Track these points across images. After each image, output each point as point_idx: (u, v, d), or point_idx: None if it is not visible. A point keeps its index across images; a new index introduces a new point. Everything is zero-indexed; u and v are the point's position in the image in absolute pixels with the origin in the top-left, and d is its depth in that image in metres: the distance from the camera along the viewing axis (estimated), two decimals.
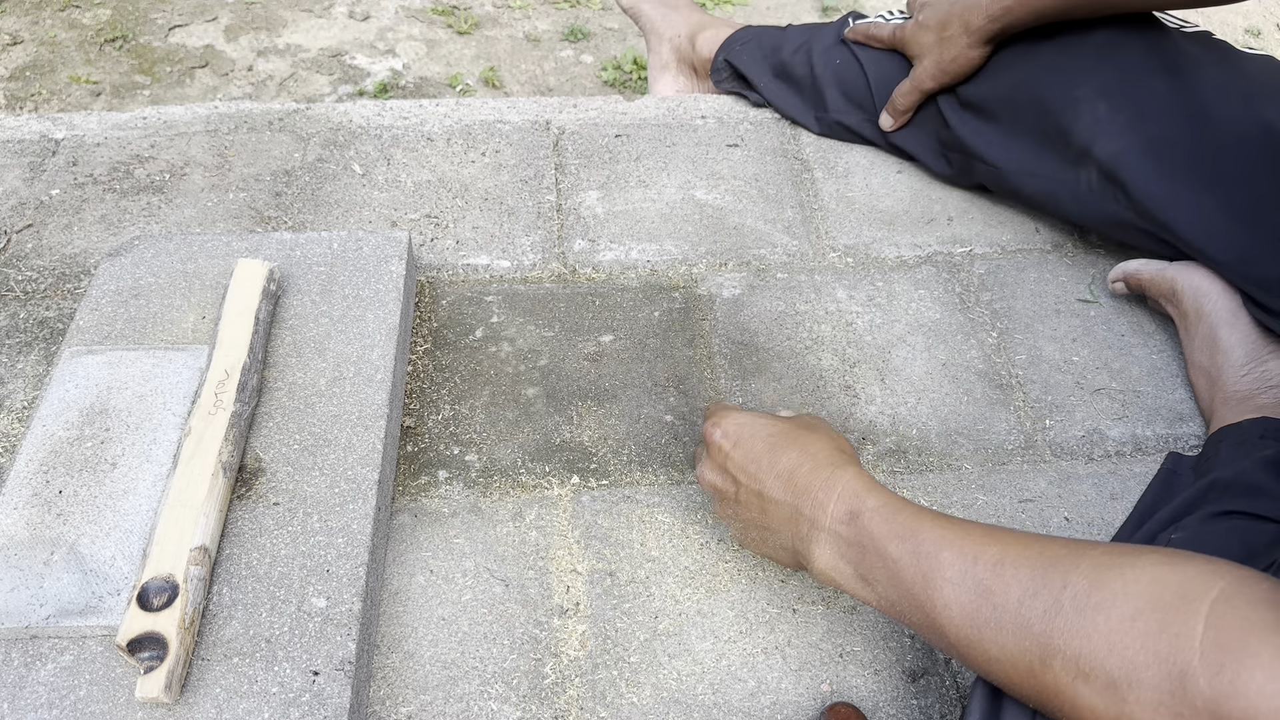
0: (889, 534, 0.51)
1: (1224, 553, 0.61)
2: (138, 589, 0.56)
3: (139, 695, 0.53)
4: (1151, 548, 0.43)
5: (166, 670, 0.53)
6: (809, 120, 1.08)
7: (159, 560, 0.57)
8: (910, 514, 0.52)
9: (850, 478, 0.56)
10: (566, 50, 1.74)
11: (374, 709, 0.62)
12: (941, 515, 0.51)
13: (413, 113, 1.08)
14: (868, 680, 0.65)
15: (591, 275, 0.92)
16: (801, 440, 0.60)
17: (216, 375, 0.67)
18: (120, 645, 0.54)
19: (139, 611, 0.55)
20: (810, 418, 0.65)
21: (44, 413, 0.68)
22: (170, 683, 0.54)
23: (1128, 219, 0.85)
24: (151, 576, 0.57)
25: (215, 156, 1.01)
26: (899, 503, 0.53)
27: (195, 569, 0.58)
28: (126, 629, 0.54)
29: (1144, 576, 0.40)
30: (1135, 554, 0.42)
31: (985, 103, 0.93)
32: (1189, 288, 0.83)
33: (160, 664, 0.54)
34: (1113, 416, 0.82)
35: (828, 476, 0.56)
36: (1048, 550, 0.45)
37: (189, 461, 0.62)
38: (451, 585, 0.68)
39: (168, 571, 0.57)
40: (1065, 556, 0.44)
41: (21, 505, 0.62)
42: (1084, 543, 0.45)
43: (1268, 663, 0.35)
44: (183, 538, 0.58)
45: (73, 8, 1.71)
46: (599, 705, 0.63)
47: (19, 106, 1.50)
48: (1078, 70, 0.86)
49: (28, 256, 0.89)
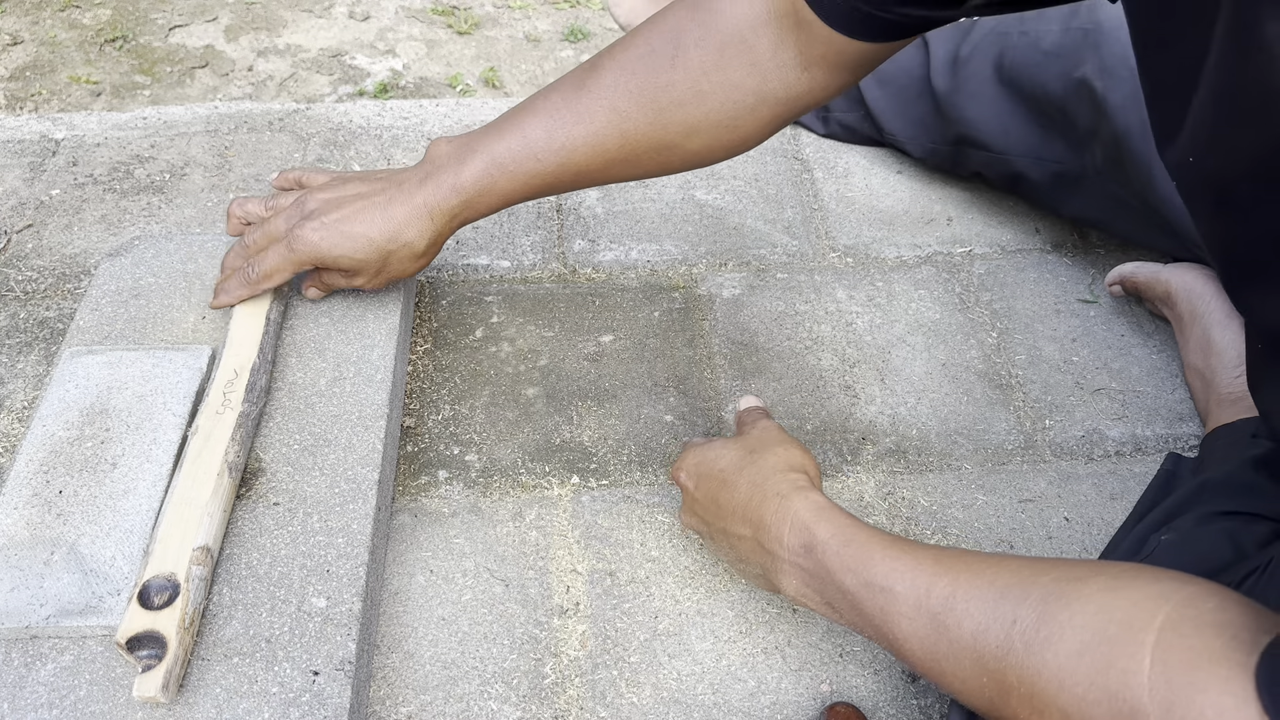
0: (841, 567, 0.51)
1: (1214, 552, 0.62)
2: (139, 587, 0.56)
3: (136, 694, 0.53)
4: (1103, 567, 0.41)
5: (164, 670, 0.53)
6: (813, 121, 1.08)
7: (161, 558, 0.57)
8: (861, 543, 0.51)
9: (800, 507, 0.55)
10: (567, 50, 1.74)
11: (374, 709, 0.62)
12: (894, 542, 0.50)
13: (413, 113, 1.08)
14: (868, 680, 0.65)
15: (591, 275, 0.92)
16: (751, 469, 0.59)
17: (225, 374, 0.67)
18: (119, 643, 0.54)
19: (139, 610, 0.55)
20: (762, 433, 0.64)
21: (44, 413, 0.68)
22: (167, 682, 0.54)
23: (1129, 203, 0.85)
24: (153, 575, 0.57)
25: (215, 157, 1.01)
26: (850, 530, 0.52)
27: (197, 569, 0.58)
28: (126, 627, 0.54)
29: (1089, 607, 0.39)
30: (1082, 581, 0.40)
31: (982, 89, 0.93)
32: (1183, 289, 0.83)
33: (158, 663, 0.54)
34: (1112, 416, 0.82)
35: (777, 508, 0.56)
36: (999, 580, 0.43)
37: (195, 460, 0.62)
38: (451, 585, 0.68)
39: (169, 570, 0.57)
40: (1015, 586, 0.42)
41: (21, 505, 0.62)
42: (1037, 566, 0.43)
43: (1216, 698, 0.34)
44: (186, 537, 0.58)
45: (73, 8, 1.71)
46: (599, 705, 0.63)
47: (19, 106, 1.50)
48: (1079, 50, 0.87)
49: (28, 256, 0.89)
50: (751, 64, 0.61)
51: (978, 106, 0.93)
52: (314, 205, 0.68)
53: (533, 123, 0.65)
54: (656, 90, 0.62)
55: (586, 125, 0.64)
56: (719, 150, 0.66)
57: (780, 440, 0.62)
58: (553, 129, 0.65)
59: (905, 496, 0.76)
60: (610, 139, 0.64)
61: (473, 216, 0.69)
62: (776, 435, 0.63)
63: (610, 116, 0.63)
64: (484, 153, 0.66)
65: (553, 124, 0.65)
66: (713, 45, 0.61)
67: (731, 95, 0.62)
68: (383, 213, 0.67)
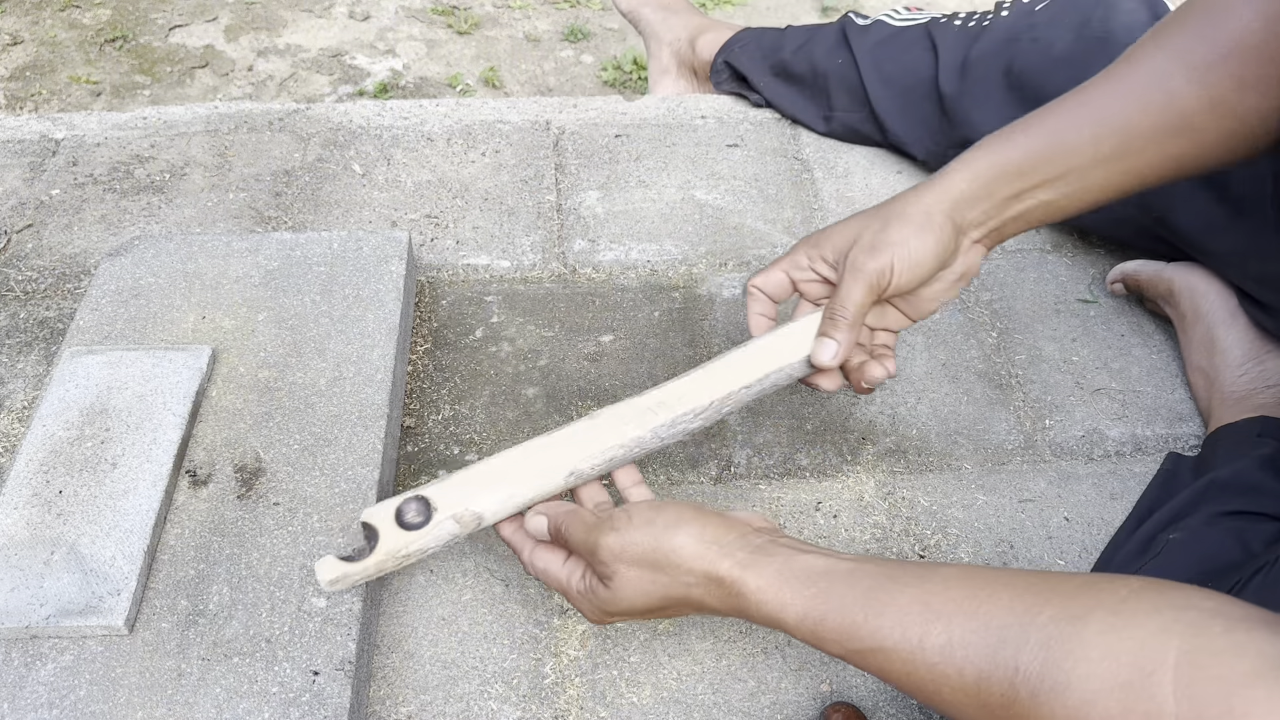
0: (822, 640, 0.47)
1: (1222, 552, 0.62)
2: (418, 495, 0.56)
3: (318, 567, 0.55)
4: (1099, 596, 0.40)
5: (348, 569, 0.55)
6: (815, 120, 1.08)
7: (449, 492, 0.57)
8: (834, 612, 0.46)
9: (751, 607, 0.48)
10: (566, 50, 1.74)
11: (374, 709, 0.62)
12: (869, 593, 0.46)
13: (413, 113, 1.08)
14: (867, 680, 0.65)
15: (591, 275, 0.92)
16: (672, 596, 0.51)
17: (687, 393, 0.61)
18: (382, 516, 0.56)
19: (394, 522, 0.56)
20: (644, 536, 0.51)
21: (44, 413, 0.68)
22: (340, 580, 0.55)
23: (1130, 213, 0.85)
24: (434, 501, 0.56)
25: (215, 156, 1.01)
26: (815, 602, 0.47)
27: (451, 524, 0.56)
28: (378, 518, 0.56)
29: (1093, 654, 0.38)
30: (1081, 621, 0.39)
31: (990, 94, 0.93)
32: (1186, 288, 0.83)
33: (355, 560, 0.55)
34: (1112, 416, 0.82)
35: (735, 610, 0.50)
36: (994, 620, 0.42)
37: (590, 431, 0.59)
38: (451, 585, 0.68)
39: (455, 510, 0.56)
40: (1013, 628, 0.41)
41: (22, 505, 0.62)
42: (1029, 599, 0.41)
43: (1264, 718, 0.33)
44: (482, 489, 0.57)
45: (73, 8, 1.71)
46: (599, 705, 0.63)
47: (19, 106, 1.50)
48: (1092, 58, 0.87)
49: (28, 256, 0.89)
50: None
51: (985, 111, 0.93)
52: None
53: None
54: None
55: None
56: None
57: (670, 538, 0.51)
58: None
59: (905, 496, 0.76)
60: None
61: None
62: (661, 533, 0.51)
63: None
64: None
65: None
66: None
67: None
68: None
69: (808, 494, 0.75)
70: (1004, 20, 0.96)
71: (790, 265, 0.64)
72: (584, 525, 0.54)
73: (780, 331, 0.62)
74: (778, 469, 0.77)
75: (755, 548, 0.50)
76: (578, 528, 0.54)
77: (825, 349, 0.60)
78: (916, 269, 0.59)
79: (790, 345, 0.62)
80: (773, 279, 0.64)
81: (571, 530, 0.55)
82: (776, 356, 0.61)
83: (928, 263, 0.59)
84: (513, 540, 0.59)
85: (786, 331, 0.62)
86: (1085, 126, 0.59)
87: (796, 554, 0.49)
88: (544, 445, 0.58)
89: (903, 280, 0.59)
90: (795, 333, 0.62)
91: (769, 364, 0.61)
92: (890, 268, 0.58)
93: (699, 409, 0.60)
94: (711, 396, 0.60)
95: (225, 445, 0.68)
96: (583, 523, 0.54)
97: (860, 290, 0.59)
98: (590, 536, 0.53)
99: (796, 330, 0.62)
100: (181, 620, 0.59)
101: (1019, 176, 0.60)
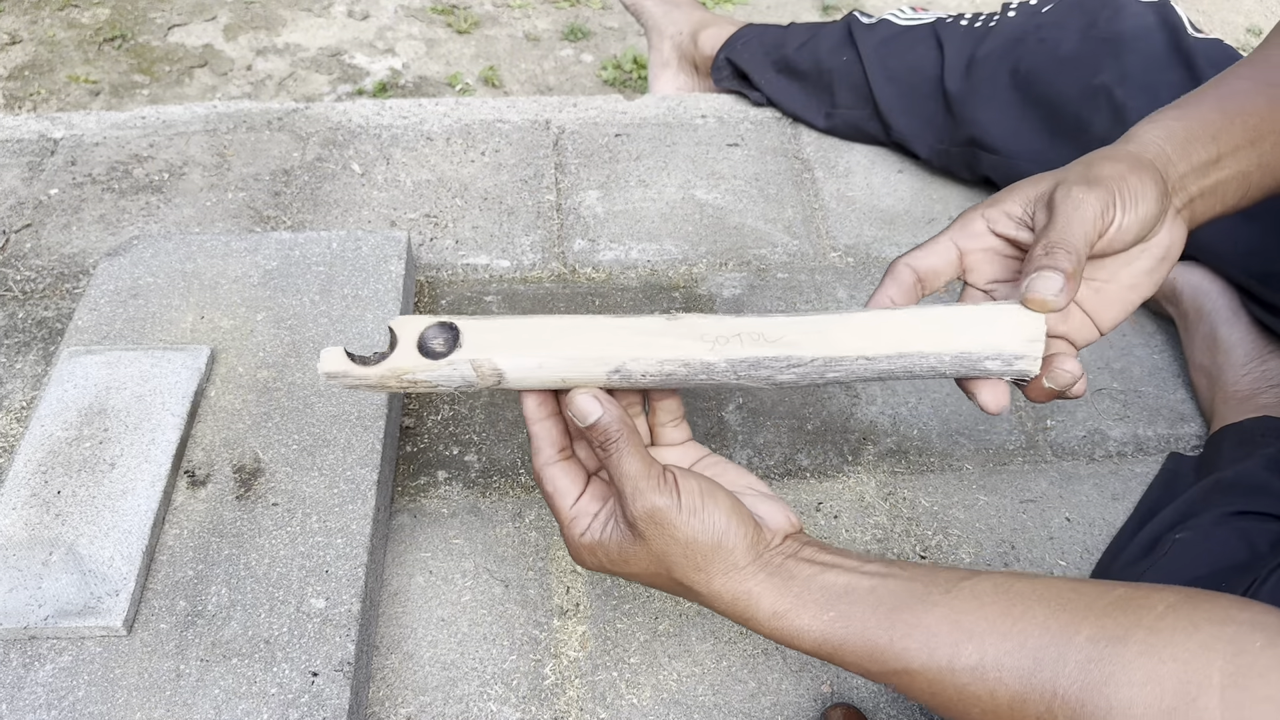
0: (845, 662, 0.45)
1: (1228, 553, 0.61)
2: (451, 324, 0.48)
3: (324, 357, 0.47)
4: (1139, 614, 0.39)
5: (348, 370, 0.46)
6: (816, 116, 1.08)
7: (484, 334, 0.48)
8: (855, 635, 0.44)
9: (771, 631, 0.46)
10: (566, 49, 1.73)
11: (373, 710, 0.62)
12: (892, 613, 0.43)
13: (412, 112, 1.08)
14: (867, 681, 0.65)
15: (591, 275, 0.92)
16: (682, 588, 0.48)
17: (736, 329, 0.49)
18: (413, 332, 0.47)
19: (415, 340, 0.47)
20: (656, 537, 0.46)
21: (42, 413, 0.67)
22: (336, 374, 0.46)
23: None
24: (464, 338, 0.47)
25: (214, 156, 1.01)
26: (835, 626, 0.44)
27: (468, 369, 0.47)
28: (406, 332, 0.47)
29: (1135, 677, 0.37)
30: (1121, 643, 0.38)
31: (997, 93, 0.93)
32: (1188, 287, 0.83)
33: (368, 365, 0.46)
34: (1114, 417, 0.82)
35: (750, 624, 0.47)
36: (1029, 641, 0.40)
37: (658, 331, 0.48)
38: (451, 586, 0.68)
39: (477, 355, 0.47)
40: (1050, 648, 0.40)
41: (20, 505, 0.62)
42: (1065, 617, 0.40)
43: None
44: (516, 348, 0.47)
45: (71, 7, 1.71)
46: (599, 706, 0.63)
47: (17, 106, 1.50)
48: (1099, 58, 0.87)
49: (26, 256, 0.89)
50: None
51: (990, 109, 0.94)
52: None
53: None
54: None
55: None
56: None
57: (720, 543, 0.46)
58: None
59: (906, 497, 0.76)
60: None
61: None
62: (718, 534, 0.46)
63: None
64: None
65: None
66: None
67: None
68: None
69: (809, 494, 0.75)
70: (1011, 21, 0.96)
71: (960, 232, 0.51)
72: (643, 465, 0.45)
73: (944, 309, 0.48)
74: (778, 469, 0.77)
75: (774, 569, 0.46)
76: (634, 460, 0.45)
77: (1048, 281, 0.44)
78: (1141, 209, 0.47)
79: (956, 327, 0.47)
80: (933, 253, 0.51)
81: (626, 457, 0.45)
82: (929, 337, 0.47)
83: (1151, 205, 0.48)
84: (535, 432, 0.50)
85: (953, 311, 0.47)
86: (1262, 93, 0.53)
87: (816, 573, 0.46)
88: (601, 326, 0.48)
89: (1126, 222, 0.47)
90: (963, 316, 0.47)
91: (914, 342, 0.47)
92: (1114, 202, 0.46)
93: (796, 361, 0.47)
94: (818, 352, 0.47)
95: (224, 445, 0.68)
96: (642, 460, 0.45)
97: (1082, 221, 0.46)
98: (645, 486, 0.45)
99: (966, 313, 0.47)
100: (180, 621, 0.59)
101: (1212, 140, 0.51)
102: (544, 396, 0.50)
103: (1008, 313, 0.47)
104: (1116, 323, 0.52)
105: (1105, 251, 0.48)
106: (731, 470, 0.51)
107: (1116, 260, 0.50)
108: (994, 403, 0.49)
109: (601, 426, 0.46)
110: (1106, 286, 0.51)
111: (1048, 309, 0.45)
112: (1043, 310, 0.45)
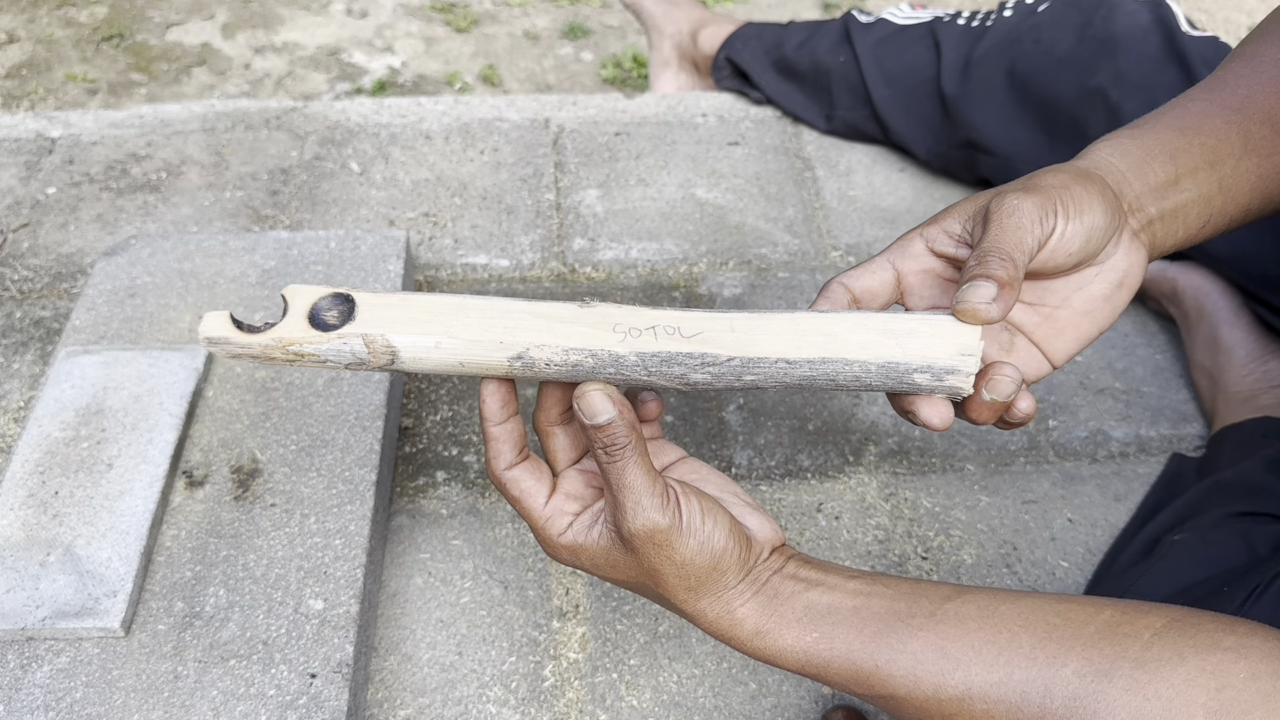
0: (830, 682, 0.44)
1: (1227, 554, 0.61)
2: (348, 296, 0.44)
3: (206, 321, 0.43)
4: (1124, 644, 0.39)
5: (233, 336, 0.42)
6: (816, 118, 1.07)
7: (384, 310, 0.44)
8: (839, 656, 0.43)
9: (756, 651, 0.45)
10: (566, 47, 1.73)
11: (371, 712, 0.62)
12: (876, 637, 0.42)
13: (411, 110, 1.08)
14: None
15: (591, 274, 0.92)
16: (665, 599, 0.46)
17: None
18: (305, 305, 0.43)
19: (306, 310, 0.44)
20: (644, 549, 0.44)
21: (40, 413, 0.67)
22: (219, 347, 0.42)
23: None
24: (360, 312, 0.44)
25: (212, 155, 1.00)
26: (819, 648, 0.43)
27: (359, 345, 0.43)
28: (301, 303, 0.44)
29: (1120, 715, 0.37)
30: (1107, 677, 0.38)
31: (993, 95, 0.93)
32: (1190, 288, 0.83)
33: (258, 332, 0.43)
34: (1116, 417, 0.82)
35: (732, 641, 0.45)
36: (1015, 673, 0.40)
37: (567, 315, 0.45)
38: (450, 587, 0.68)
39: (370, 331, 0.43)
40: (1036, 682, 0.39)
41: (17, 506, 0.62)
42: (1051, 647, 0.40)
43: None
44: (415, 326, 0.44)
45: (69, 5, 1.70)
46: (599, 708, 0.63)
47: (15, 105, 1.49)
48: (1094, 59, 0.87)
49: (23, 256, 0.89)
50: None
51: (986, 111, 0.94)
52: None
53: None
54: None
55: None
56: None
57: (714, 568, 0.44)
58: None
59: (908, 497, 0.75)
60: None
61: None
62: (714, 559, 0.44)
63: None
64: None
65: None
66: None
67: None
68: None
69: (809, 495, 0.75)
70: (1006, 20, 0.96)
71: (898, 253, 0.48)
72: (647, 480, 0.43)
73: (874, 315, 0.45)
74: (779, 470, 0.76)
75: (760, 585, 0.45)
76: (639, 474, 0.43)
77: (980, 290, 0.41)
78: (1086, 219, 0.44)
79: (885, 335, 0.44)
80: (870, 274, 0.48)
81: (632, 467, 0.43)
82: (855, 344, 0.44)
83: (1098, 216, 0.44)
84: (495, 434, 0.48)
85: (884, 318, 0.45)
86: (1219, 114, 0.51)
87: (800, 590, 0.44)
88: (509, 310, 0.45)
89: (1070, 231, 0.44)
90: (894, 324, 0.44)
91: (838, 348, 0.45)
92: (1054, 209, 0.43)
93: (711, 359, 0.45)
94: (735, 352, 0.45)
95: (222, 446, 0.67)
96: (647, 473, 0.43)
97: (1017, 228, 0.43)
98: (648, 504, 0.43)
99: (897, 321, 0.44)
100: (178, 622, 0.59)
101: (1170, 160, 0.49)
102: (507, 396, 0.47)
103: (941, 324, 0.43)
104: (1070, 355, 0.48)
105: (1050, 266, 0.44)
106: (714, 476, 0.50)
107: (1067, 283, 0.47)
108: (936, 417, 0.45)
109: (611, 430, 0.43)
110: (1057, 313, 0.47)
111: (979, 320, 0.42)
112: (974, 322, 0.42)
